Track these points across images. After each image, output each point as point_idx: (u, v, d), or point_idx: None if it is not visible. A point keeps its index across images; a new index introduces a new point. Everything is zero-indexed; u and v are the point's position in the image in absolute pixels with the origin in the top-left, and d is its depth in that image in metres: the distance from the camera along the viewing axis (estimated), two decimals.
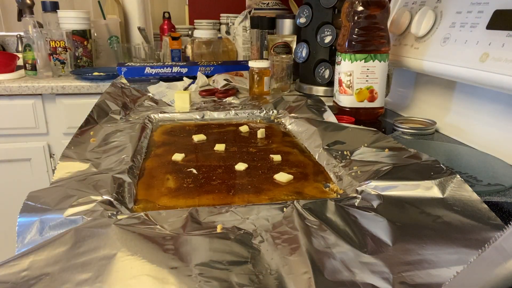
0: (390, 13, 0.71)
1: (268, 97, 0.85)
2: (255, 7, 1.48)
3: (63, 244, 0.30)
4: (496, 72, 0.53)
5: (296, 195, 0.43)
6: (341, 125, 0.61)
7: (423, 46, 0.70)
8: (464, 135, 0.64)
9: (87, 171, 0.45)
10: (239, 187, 0.44)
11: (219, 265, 0.27)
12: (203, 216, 0.34)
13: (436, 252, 0.31)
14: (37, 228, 0.34)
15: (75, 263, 0.27)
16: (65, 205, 0.35)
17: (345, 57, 0.71)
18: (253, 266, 0.28)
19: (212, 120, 0.73)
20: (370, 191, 0.40)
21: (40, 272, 0.27)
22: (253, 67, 0.88)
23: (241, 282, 0.26)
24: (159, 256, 0.27)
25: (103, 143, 0.54)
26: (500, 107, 0.59)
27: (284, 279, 0.27)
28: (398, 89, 0.84)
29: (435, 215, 0.35)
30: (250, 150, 0.56)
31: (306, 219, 0.34)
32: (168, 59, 1.37)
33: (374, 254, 0.30)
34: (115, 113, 0.67)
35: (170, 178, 0.46)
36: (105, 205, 0.36)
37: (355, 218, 0.35)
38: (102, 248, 0.28)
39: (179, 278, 0.25)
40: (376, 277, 0.28)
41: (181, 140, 0.60)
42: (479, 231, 0.33)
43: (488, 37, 0.56)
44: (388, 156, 0.47)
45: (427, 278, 0.28)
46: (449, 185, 0.38)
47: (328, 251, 0.30)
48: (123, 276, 0.25)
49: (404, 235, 0.33)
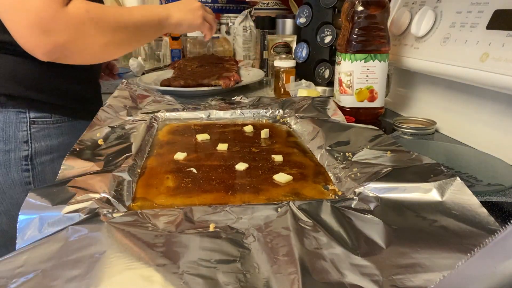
0: (390, 13, 0.71)
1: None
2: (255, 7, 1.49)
3: (57, 241, 0.30)
4: (496, 72, 0.52)
5: (294, 196, 0.43)
6: (345, 124, 0.61)
7: (423, 46, 0.70)
8: (464, 135, 0.64)
9: (89, 170, 0.45)
10: (238, 187, 0.44)
11: (206, 263, 0.28)
12: (197, 215, 0.35)
13: (430, 256, 0.30)
14: (37, 225, 0.34)
15: (67, 260, 0.28)
16: (63, 203, 0.36)
17: (345, 57, 0.71)
18: (241, 265, 0.28)
19: (217, 120, 0.73)
20: (368, 193, 0.39)
21: (33, 268, 0.28)
22: (279, 66, 0.87)
23: (227, 280, 0.26)
24: (148, 254, 0.28)
25: (108, 143, 0.55)
26: (500, 107, 0.58)
27: (271, 278, 0.27)
28: (398, 89, 0.84)
29: (432, 219, 0.35)
30: (252, 150, 0.56)
31: (300, 219, 0.34)
32: (168, 59, 1.38)
33: (366, 256, 0.30)
34: (121, 113, 0.68)
35: (169, 177, 0.47)
36: (102, 202, 0.36)
37: (350, 219, 0.35)
38: (94, 246, 0.29)
39: (165, 275, 0.26)
40: (365, 279, 0.28)
41: (184, 139, 0.61)
42: (476, 236, 0.32)
43: (488, 37, 0.55)
44: (389, 158, 0.46)
45: (419, 282, 0.28)
46: (449, 188, 0.38)
47: (319, 251, 0.30)
48: (110, 273, 0.26)
49: (399, 238, 0.32)
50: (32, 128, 0.70)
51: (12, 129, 0.68)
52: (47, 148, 0.73)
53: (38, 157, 0.72)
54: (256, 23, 1.30)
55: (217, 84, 0.95)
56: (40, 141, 0.71)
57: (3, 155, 0.68)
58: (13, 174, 0.70)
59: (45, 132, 0.72)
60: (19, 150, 0.69)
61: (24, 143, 0.70)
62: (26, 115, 0.69)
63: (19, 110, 0.68)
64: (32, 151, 0.70)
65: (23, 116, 0.69)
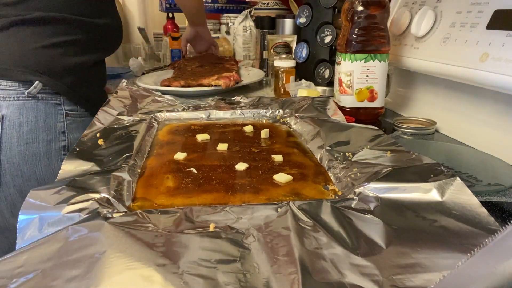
0: (390, 13, 0.71)
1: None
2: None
3: (57, 241, 0.30)
4: (496, 72, 0.52)
5: (294, 196, 0.43)
6: (345, 124, 0.61)
7: (423, 46, 0.70)
8: (464, 135, 0.64)
9: (89, 170, 0.45)
10: (238, 187, 0.44)
11: (206, 263, 0.28)
12: (197, 215, 0.35)
13: (430, 256, 0.30)
14: (37, 225, 0.34)
15: (67, 260, 0.28)
16: (63, 203, 0.36)
17: (345, 57, 0.71)
18: (241, 265, 0.28)
19: (217, 120, 0.73)
20: (368, 193, 0.39)
21: (33, 268, 0.28)
22: (279, 66, 0.87)
23: (227, 280, 0.26)
24: (148, 254, 0.28)
25: (108, 143, 0.55)
26: (500, 107, 0.58)
27: (271, 278, 0.27)
28: (398, 89, 0.84)
29: (432, 219, 0.35)
30: (252, 150, 0.56)
31: (300, 219, 0.34)
32: (168, 59, 1.38)
33: (366, 256, 0.30)
34: (121, 114, 0.68)
35: (169, 177, 0.47)
36: (102, 202, 0.36)
37: (350, 219, 0.35)
38: (94, 246, 0.29)
39: (165, 275, 0.26)
40: (365, 279, 0.28)
41: (184, 139, 0.61)
42: (476, 236, 0.32)
43: (488, 37, 0.55)
44: (389, 158, 0.46)
45: (419, 282, 0.28)
46: (449, 188, 0.38)
47: (319, 251, 0.30)
48: (110, 273, 0.26)
49: (399, 238, 0.32)
50: (67, 120, 0.77)
51: (52, 120, 0.74)
52: (77, 139, 0.77)
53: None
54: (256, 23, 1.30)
55: (217, 84, 0.95)
56: (73, 132, 0.78)
57: (46, 145, 0.73)
58: (53, 164, 0.75)
59: (75, 124, 0.79)
60: (59, 141, 0.75)
61: (62, 133, 0.76)
62: (62, 107, 0.76)
63: (56, 102, 0.75)
64: (68, 142, 0.77)
65: (59, 108, 0.75)
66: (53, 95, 0.74)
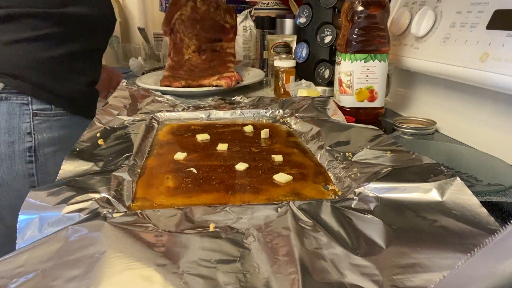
0: (390, 13, 0.71)
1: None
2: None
3: (57, 241, 0.30)
4: (496, 72, 0.52)
5: (294, 196, 0.43)
6: (345, 124, 0.61)
7: (423, 46, 0.70)
8: (464, 135, 0.64)
9: (89, 170, 0.45)
10: (238, 187, 0.44)
11: (206, 263, 0.28)
12: (197, 215, 0.35)
13: (430, 256, 0.30)
14: (37, 225, 0.34)
15: (67, 260, 0.28)
16: (63, 203, 0.36)
17: (345, 57, 0.71)
18: (241, 265, 0.28)
19: (217, 120, 0.73)
20: (368, 193, 0.39)
21: (33, 268, 0.28)
22: (279, 66, 0.87)
23: (227, 280, 0.26)
24: (148, 254, 0.28)
25: (108, 143, 0.55)
26: (500, 107, 0.58)
27: (271, 278, 0.27)
28: (398, 89, 0.84)
29: (432, 219, 0.35)
30: (252, 150, 0.56)
31: (300, 219, 0.34)
32: None
33: (366, 256, 0.30)
34: (121, 114, 0.68)
35: (169, 177, 0.47)
36: (102, 202, 0.36)
37: (350, 219, 0.35)
38: (94, 246, 0.29)
39: (165, 275, 0.26)
40: (365, 279, 0.28)
41: (185, 140, 0.61)
42: (476, 236, 0.32)
43: (488, 37, 0.55)
44: (389, 158, 0.46)
45: (419, 282, 0.28)
46: (449, 188, 0.38)
47: (319, 252, 0.30)
48: (110, 273, 0.26)
49: (399, 238, 0.32)
50: (35, 120, 0.72)
51: (16, 121, 0.70)
52: (49, 140, 0.74)
53: (41, 149, 0.73)
54: (256, 23, 1.30)
55: (218, 84, 0.95)
56: (42, 132, 0.73)
57: (8, 147, 0.70)
58: (17, 166, 0.71)
59: (46, 124, 0.74)
60: (23, 142, 0.71)
61: (28, 134, 0.71)
62: (29, 107, 0.71)
63: (22, 101, 0.70)
64: (35, 143, 0.72)
65: (26, 108, 0.71)
66: (19, 95, 0.70)
